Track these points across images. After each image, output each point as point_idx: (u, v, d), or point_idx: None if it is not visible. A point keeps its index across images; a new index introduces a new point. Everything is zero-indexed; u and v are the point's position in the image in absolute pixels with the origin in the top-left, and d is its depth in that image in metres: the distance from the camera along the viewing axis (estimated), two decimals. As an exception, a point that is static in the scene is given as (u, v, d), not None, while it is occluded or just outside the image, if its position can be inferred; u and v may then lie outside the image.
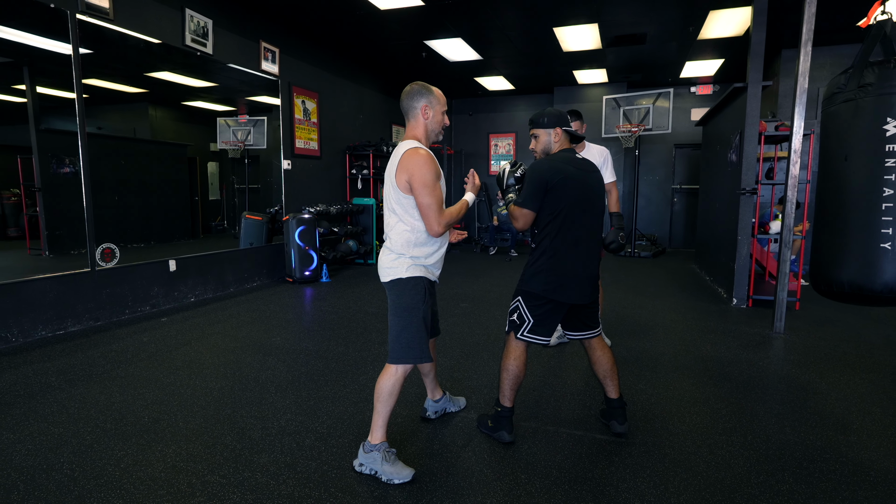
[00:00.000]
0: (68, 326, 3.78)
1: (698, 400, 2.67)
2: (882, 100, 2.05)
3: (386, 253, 1.96)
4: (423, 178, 1.81)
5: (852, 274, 2.02)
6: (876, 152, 2.04)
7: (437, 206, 1.84)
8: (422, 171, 1.81)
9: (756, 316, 4.42)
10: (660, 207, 9.32)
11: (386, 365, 1.96)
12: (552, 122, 2.17)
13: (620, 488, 1.87)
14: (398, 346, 1.92)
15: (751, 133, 4.59)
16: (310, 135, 6.55)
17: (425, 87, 1.97)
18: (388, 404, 1.93)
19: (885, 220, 2.00)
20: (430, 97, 1.97)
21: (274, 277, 5.97)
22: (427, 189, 1.81)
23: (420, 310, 1.92)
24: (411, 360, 1.92)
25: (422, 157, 1.82)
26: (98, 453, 2.07)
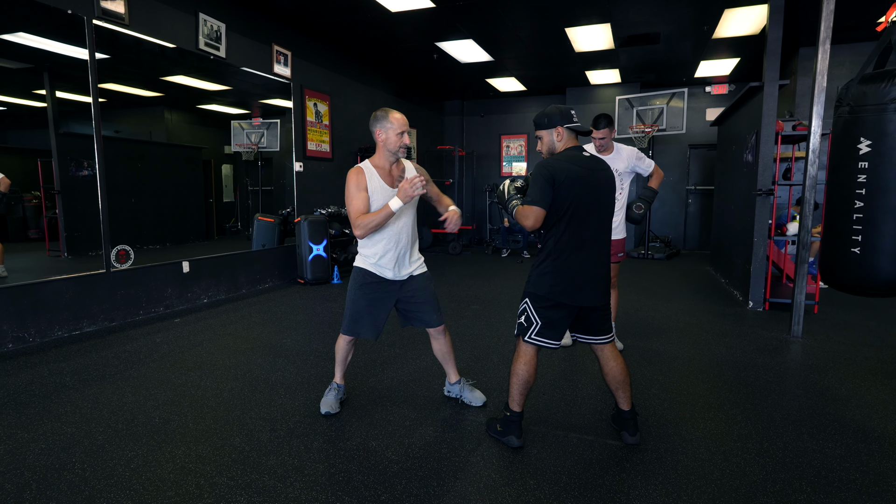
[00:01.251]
0: (84, 327, 3.83)
1: (712, 405, 2.62)
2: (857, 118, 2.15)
3: None
4: (347, 192, 2.24)
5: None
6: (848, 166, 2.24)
7: (352, 214, 2.21)
8: (347, 186, 2.24)
9: (773, 319, 4.33)
10: (674, 209, 9.20)
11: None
12: (553, 122, 2.12)
13: (632, 496, 1.84)
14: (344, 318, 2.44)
15: (767, 133, 4.50)
16: (321, 137, 6.59)
17: (382, 113, 2.30)
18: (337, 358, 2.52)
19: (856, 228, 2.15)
20: (383, 122, 2.28)
21: (286, 279, 6.00)
22: (347, 200, 2.25)
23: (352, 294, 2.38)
24: (344, 332, 2.43)
25: (349, 175, 2.26)
26: (109, 453, 2.08)
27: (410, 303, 2.45)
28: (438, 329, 2.51)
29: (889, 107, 2.08)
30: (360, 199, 2.22)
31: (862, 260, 2.22)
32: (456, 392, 2.62)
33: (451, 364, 2.60)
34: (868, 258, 2.20)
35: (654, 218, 9.10)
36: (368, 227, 2.18)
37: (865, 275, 2.23)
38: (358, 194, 2.22)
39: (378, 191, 2.27)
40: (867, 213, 2.19)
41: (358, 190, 2.23)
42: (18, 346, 3.43)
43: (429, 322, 2.47)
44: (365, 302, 2.35)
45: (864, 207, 2.20)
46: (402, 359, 3.27)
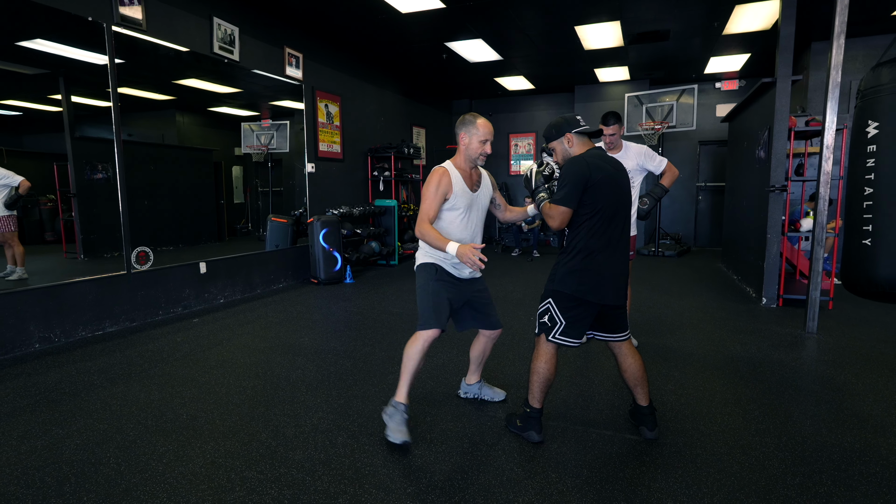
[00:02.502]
0: (106, 327, 3.91)
1: (729, 401, 2.64)
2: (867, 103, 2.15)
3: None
4: (426, 188, 2.20)
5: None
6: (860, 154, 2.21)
7: (423, 212, 2.18)
8: (428, 182, 2.21)
9: (787, 315, 4.34)
10: (684, 206, 9.18)
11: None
12: (561, 130, 2.15)
13: (652, 488, 1.87)
14: (420, 314, 2.27)
15: (780, 129, 4.50)
16: (333, 138, 6.65)
17: (471, 117, 2.25)
18: (408, 365, 2.23)
19: (866, 217, 2.12)
20: (469, 127, 2.23)
21: (299, 279, 6.07)
22: (423, 196, 2.21)
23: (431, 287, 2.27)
24: (425, 328, 2.21)
25: (433, 173, 2.22)
26: (141, 448, 2.15)
27: (479, 302, 2.40)
28: (498, 331, 2.48)
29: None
30: (436, 202, 2.17)
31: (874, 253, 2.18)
32: (474, 392, 2.65)
33: (481, 365, 2.61)
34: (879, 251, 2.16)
35: (664, 215, 9.08)
36: (425, 238, 2.15)
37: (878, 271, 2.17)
38: (435, 196, 2.17)
39: (461, 194, 2.23)
40: (876, 201, 2.16)
41: (437, 192, 2.17)
42: (45, 346, 3.51)
43: (493, 324, 2.44)
44: (446, 294, 2.26)
45: (873, 194, 2.17)
46: (419, 356, 3.32)
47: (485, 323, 2.43)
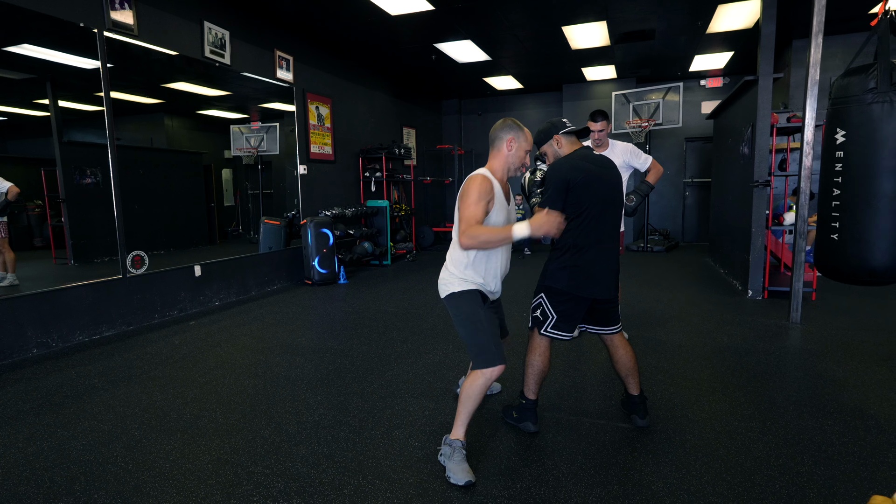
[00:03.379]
0: (103, 331, 3.93)
1: (716, 389, 2.74)
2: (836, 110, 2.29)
3: (444, 267, 2.16)
4: (466, 196, 1.94)
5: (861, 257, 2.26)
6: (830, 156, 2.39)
7: (466, 220, 1.91)
8: (467, 191, 1.94)
9: (772, 307, 4.46)
10: (672, 202, 9.33)
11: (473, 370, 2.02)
12: (548, 134, 2.22)
13: (644, 472, 1.96)
14: (476, 352, 2.00)
15: (763, 125, 4.62)
16: (324, 140, 6.69)
17: (517, 124, 2.08)
18: (469, 406, 1.98)
19: (834, 215, 2.28)
20: (517, 133, 2.06)
21: (293, 280, 6.11)
22: (464, 203, 1.93)
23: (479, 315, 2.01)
24: (488, 365, 1.95)
25: (473, 180, 1.96)
26: (147, 447, 2.19)
27: (497, 315, 2.30)
28: (507, 338, 2.42)
29: (865, 97, 2.21)
30: (481, 207, 1.94)
31: (840, 246, 2.35)
32: None
33: None
34: (845, 245, 2.33)
35: (652, 211, 9.22)
36: (480, 240, 1.92)
37: (845, 262, 2.35)
38: (479, 202, 1.94)
39: (500, 206, 2.04)
40: (843, 201, 2.32)
41: (480, 198, 1.94)
42: (43, 350, 3.53)
43: (504, 332, 2.38)
44: (491, 323, 2.07)
45: (840, 195, 2.33)
46: (415, 353, 3.39)
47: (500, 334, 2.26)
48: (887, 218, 2.21)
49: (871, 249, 2.26)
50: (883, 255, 2.24)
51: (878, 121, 2.18)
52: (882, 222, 2.22)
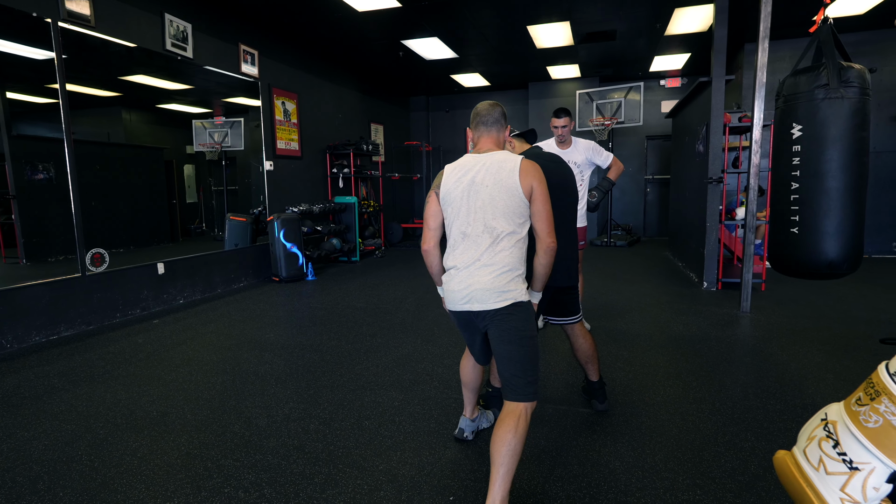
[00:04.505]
0: (62, 331, 3.83)
1: (671, 374, 2.90)
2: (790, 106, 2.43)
3: (495, 271, 1.67)
4: (546, 187, 1.74)
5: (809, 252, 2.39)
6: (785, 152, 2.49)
7: (550, 220, 1.75)
8: (545, 180, 1.74)
9: (725, 297, 4.70)
10: (633, 198, 9.63)
11: (512, 406, 1.63)
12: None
13: (602, 453, 2.07)
14: (532, 378, 1.67)
15: (716, 125, 4.85)
16: (290, 135, 6.62)
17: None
18: (518, 458, 1.58)
19: (793, 209, 2.41)
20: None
21: (260, 277, 6.04)
22: (549, 199, 1.74)
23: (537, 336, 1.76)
24: (538, 395, 1.71)
25: (533, 169, 1.73)
26: (113, 445, 2.18)
27: None
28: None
29: (816, 94, 2.37)
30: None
31: (800, 240, 2.49)
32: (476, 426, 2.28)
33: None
34: (805, 238, 2.47)
35: (615, 207, 9.50)
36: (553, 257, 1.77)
37: (805, 255, 2.49)
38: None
39: None
40: (802, 195, 2.47)
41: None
42: (-3, 352, 3.42)
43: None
44: None
45: (799, 188, 2.48)
46: (385, 347, 3.44)
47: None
48: (844, 211, 2.36)
49: (829, 242, 2.39)
50: (840, 247, 2.38)
51: (831, 116, 2.34)
52: (838, 215, 2.37)
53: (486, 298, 1.67)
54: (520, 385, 1.65)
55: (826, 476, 0.59)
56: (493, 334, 1.70)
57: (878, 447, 0.57)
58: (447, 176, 1.79)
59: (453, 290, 1.73)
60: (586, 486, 1.85)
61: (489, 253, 1.68)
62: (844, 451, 0.59)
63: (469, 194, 1.72)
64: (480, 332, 1.81)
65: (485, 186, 1.70)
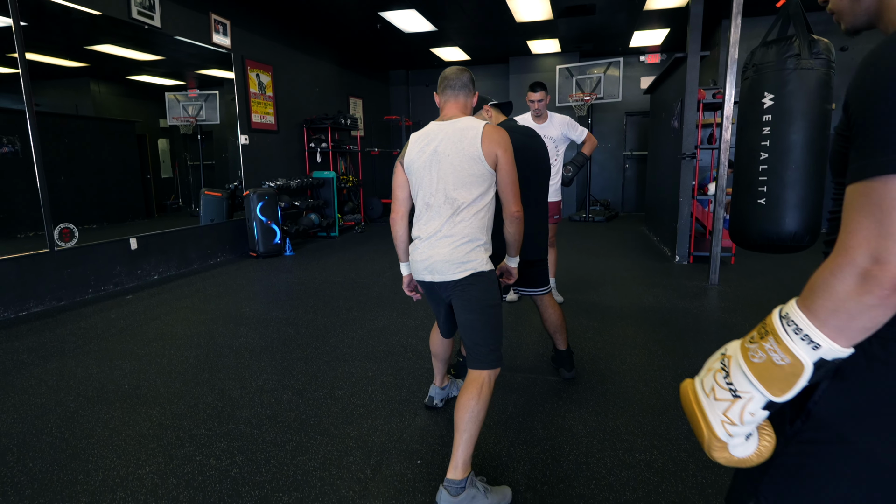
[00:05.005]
0: (31, 307, 3.77)
1: (638, 344, 2.99)
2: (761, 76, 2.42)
3: (454, 242, 1.66)
4: (513, 154, 1.70)
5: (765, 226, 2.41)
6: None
7: (517, 188, 1.74)
8: (511, 147, 1.70)
9: (696, 270, 4.82)
10: (612, 174, 9.71)
11: (475, 374, 1.66)
12: (478, 106, 2.24)
13: (566, 418, 2.15)
14: (494, 346, 1.70)
15: (690, 101, 4.89)
16: (266, 109, 6.49)
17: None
18: (482, 424, 1.62)
19: (762, 180, 2.43)
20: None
21: (237, 253, 5.99)
22: (515, 166, 1.71)
23: (500, 305, 1.76)
24: (501, 363, 1.72)
25: (503, 135, 1.69)
26: (84, 418, 2.18)
27: None
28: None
29: (787, 63, 2.40)
30: None
31: (767, 211, 2.53)
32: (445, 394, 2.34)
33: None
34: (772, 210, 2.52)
35: (594, 183, 9.57)
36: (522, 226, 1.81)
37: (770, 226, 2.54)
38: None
39: None
40: (770, 165, 2.50)
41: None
42: (-37, 328, 3.36)
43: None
44: None
45: (767, 159, 2.51)
46: (360, 320, 3.47)
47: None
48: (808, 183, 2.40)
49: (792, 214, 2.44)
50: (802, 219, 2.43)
51: (801, 86, 2.37)
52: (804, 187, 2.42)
53: (445, 270, 1.67)
54: (482, 353, 1.67)
55: (714, 402, 0.67)
56: (455, 304, 1.72)
57: (758, 379, 0.63)
58: (411, 145, 1.79)
59: (416, 260, 1.75)
60: (549, 449, 1.93)
61: (449, 224, 1.67)
62: (731, 382, 0.66)
63: (431, 164, 1.71)
64: (445, 303, 1.84)
65: (446, 156, 1.68)
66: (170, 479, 1.76)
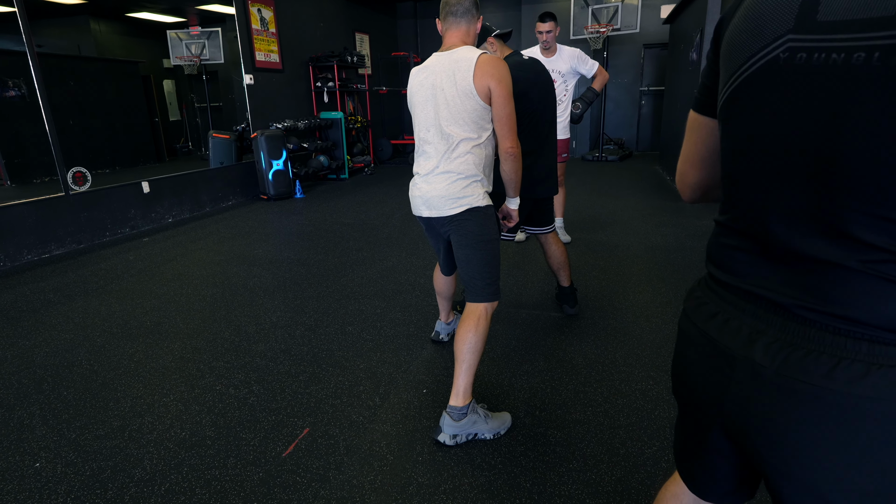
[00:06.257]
0: (52, 250, 3.90)
1: (643, 281, 3.03)
2: None
3: (451, 178, 1.66)
4: (510, 87, 1.63)
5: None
6: None
7: (513, 123, 1.67)
8: (508, 78, 1.62)
9: (706, 209, 4.77)
10: (627, 111, 9.40)
11: (472, 307, 1.71)
12: (482, 37, 2.14)
13: (567, 351, 2.23)
14: (490, 280, 1.71)
15: (710, 30, 4.64)
16: (270, 47, 6.31)
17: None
18: (480, 354, 1.69)
19: None
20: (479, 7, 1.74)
21: (248, 195, 6.04)
22: (511, 100, 1.64)
23: (498, 240, 1.77)
24: (498, 296, 1.75)
25: (500, 65, 1.61)
26: (111, 352, 2.32)
27: None
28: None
29: None
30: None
31: None
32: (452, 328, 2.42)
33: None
34: None
35: (608, 120, 9.29)
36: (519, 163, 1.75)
37: None
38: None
39: None
40: None
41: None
42: (-9, 270, 3.51)
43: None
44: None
45: None
46: (370, 260, 3.54)
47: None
48: None
49: None
50: None
51: None
52: None
53: (440, 205, 1.68)
54: (478, 287, 1.71)
55: None
56: (453, 240, 1.74)
57: None
58: (412, 79, 1.75)
59: (414, 195, 1.77)
60: (549, 379, 2.02)
61: (445, 160, 1.66)
62: None
63: (428, 99, 1.67)
64: (443, 240, 1.87)
65: (441, 90, 1.63)
66: (192, 406, 1.89)
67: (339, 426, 1.76)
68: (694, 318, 0.72)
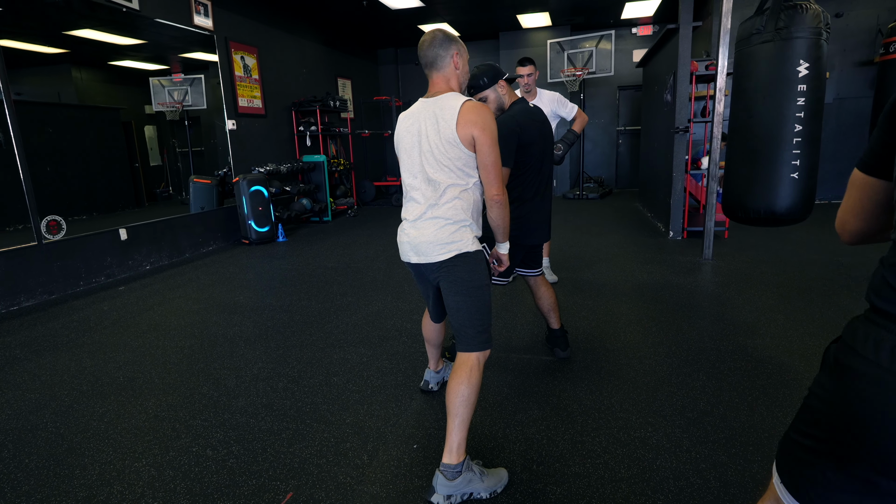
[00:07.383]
0: (22, 301, 3.73)
1: (632, 321, 3.00)
2: (795, 42, 2.32)
3: (439, 224, 1.63)
4: (494, 134, 1.60)
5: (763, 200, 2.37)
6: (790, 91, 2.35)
7: (498, 169, 1.63)
8: (493, 126, 1.60)
9: (689, 245, 4.82)
10: (605, 150, 9.64)
11: (464, 357, 1.64)
12: (492, 79, 2.17)
13: (562, 397, 2.16)
14: (482, 328, 1.66)
15: (683, 73, 4.83)
16: (252, 92, 6.37)
17: (451, 35, 1.70)
18: (473, 407, 1.61)
19: (795, 153, 2.35)
20: (458, 45, 1.69)
21: (229, 240, 5.95)
22: (496, 147, 1.61)
23: (489, 286, 1.73)
24: (490, 345, 1.69)
25: (486, 112, 1.59)
26: (79, 412, 2.18)
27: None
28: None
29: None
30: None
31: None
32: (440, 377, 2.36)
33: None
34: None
35: (588, 159, 9.50)
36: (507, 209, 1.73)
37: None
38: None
39: None
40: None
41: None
42: (-46, 325, 3.33)
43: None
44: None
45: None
46: (355, 305, 3.46)
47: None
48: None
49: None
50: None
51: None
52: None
53: (429, 251, 1.64)
54: (469, 335, 1.64)
55: None
56: (442, 286, 1.69)
57: None
58: (399, 125, 1.74)
59: (402, 241, 1.73)
60: (544, 428, 1.94)
61: (433, 205, 1.63)
62: None
63: (414, 146, 1.66)
64: (433, 286, 1.82)
65: (426, 137, 1.61)
66: (167, 471, 1.76)
67: (325, 489, 1.65)
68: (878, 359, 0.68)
